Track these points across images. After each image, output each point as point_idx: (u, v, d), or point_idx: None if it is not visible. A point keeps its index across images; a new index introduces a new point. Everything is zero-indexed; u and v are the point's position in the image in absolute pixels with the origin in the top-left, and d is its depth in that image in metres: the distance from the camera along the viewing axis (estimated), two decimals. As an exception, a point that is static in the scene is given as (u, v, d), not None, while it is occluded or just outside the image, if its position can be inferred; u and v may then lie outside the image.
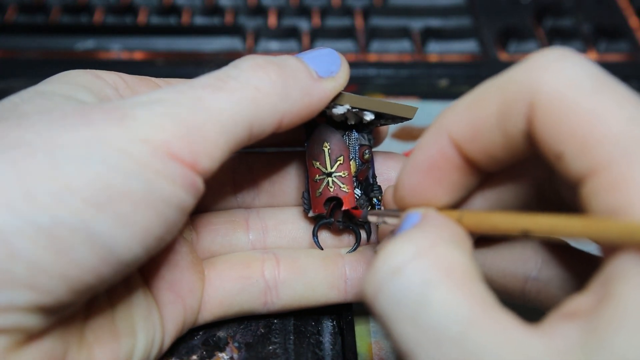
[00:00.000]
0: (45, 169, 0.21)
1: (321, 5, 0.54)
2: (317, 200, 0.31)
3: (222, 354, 0.31)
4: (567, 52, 0.21)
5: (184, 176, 0.23)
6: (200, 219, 0.33)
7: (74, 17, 0.53)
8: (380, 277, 0.21)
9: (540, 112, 0.20)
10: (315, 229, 0.32)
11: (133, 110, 0.23)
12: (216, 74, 0.25)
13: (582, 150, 0.19)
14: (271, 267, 0.31)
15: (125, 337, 0.26)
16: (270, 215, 0.33)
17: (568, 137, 0.20)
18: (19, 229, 0.21)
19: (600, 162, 0.19)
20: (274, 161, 0.34)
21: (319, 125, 0.31)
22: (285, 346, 0.31)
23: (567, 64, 0.20)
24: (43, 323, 0.22)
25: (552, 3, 0.54)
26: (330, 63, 0.28)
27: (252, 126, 0.25)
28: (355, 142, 0.32)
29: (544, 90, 0.20)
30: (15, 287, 0.21)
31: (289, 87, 0.26)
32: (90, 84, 0.26)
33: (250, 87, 0.25)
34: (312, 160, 0.31)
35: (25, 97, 0.25)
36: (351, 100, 0.29)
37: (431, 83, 0.49)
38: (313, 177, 0.31)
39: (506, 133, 0.21)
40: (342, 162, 0.31)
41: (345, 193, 0.31)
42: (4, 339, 0.21)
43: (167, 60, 0.50)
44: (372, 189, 0.32)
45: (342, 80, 0.28)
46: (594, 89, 0.20)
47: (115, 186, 0.22)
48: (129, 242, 0.22)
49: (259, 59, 0.26)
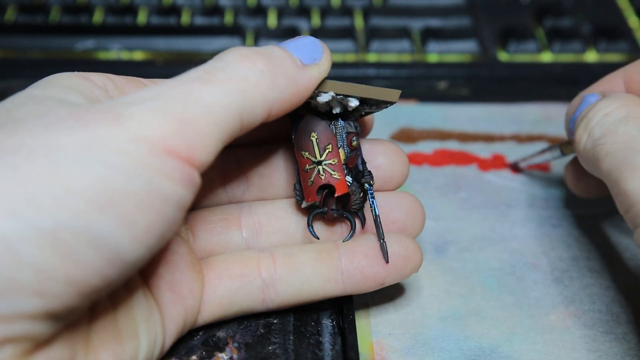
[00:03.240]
0: (45, 173, 0.21)
1: (321, 5, 0.54)
2: (309, 189, 0.31)
3: (222, 354, 0.31)
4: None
5: (182, 171, 0.23)
6: (194, 217, 0.33)
7: (74, 17, 0.53)
8: (611, 121, 0.29)
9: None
10: (309, 219, 0.32)
11: (127, 110, 0.23)
12: (203, 67, 0.26)
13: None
14: (267, 265, 0.31)
15: (129, 340, 0.26)
16: (262, 209, 0.33)
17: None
18: (24, 235, 0.21)
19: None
20: (262, 155, 0.34)
21: (304, 117, 0.31)
22: (285, 346, 0.31)
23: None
24: (51, 330, 0.22)
25: (552, 3, 0.54)
26: (313, 51, 0.28)
27: (243, 116, 0.25)
28: (342, 130, 0.32)
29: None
30: (23, 294, 0.21)
31: (277, 75, 0.26)
32: (80, 86, 0.26)
33: (238, 77, 0.25)
34: (300, 151, 0.31)
35: (17, 102, 0.25)
36: (335, 87, 0.29)
37: (430, 85, 0.49)
38: (303, 167, 0.31)
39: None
40: (330, 150, 0.31)
41: (337, 180, 0.31)
42: (13, 348, 0.21)
43: (167, 61, 0.50)
44: (364, 175, 0.32)
45: (326, 67, 0.29)
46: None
47: (116, 186, 0.22)
48: (132, 242, 0.22)
49: (244, 50, 0.26)
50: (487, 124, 0.46)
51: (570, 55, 0.51)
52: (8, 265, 0.20)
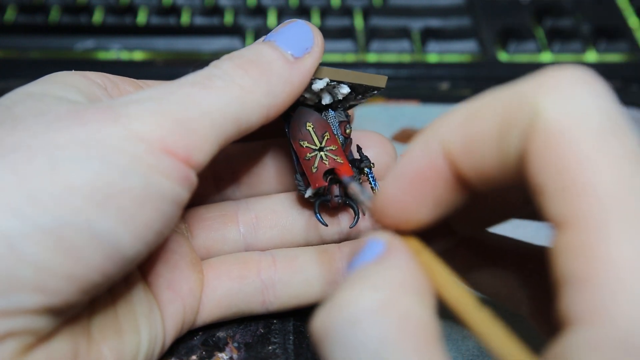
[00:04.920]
0: (45, 171, 0.21)
1: (321, 5, 0.54)
2: (314, 175, 0.31)
3: (222, 354, 0.31)
4: (586, 76, 0.18)
5: (179, 170, 0.24)
6: (192, 214, 0.33)
7: (74, 17, 0.53)
8: (337, 321, 0.19)
9: (537, 139, 0.18)
10: (316, 207, 0.32)
11: (127, 109, 0.23)
12: (201, 73, 0.26)
13: (562, 195, 0.17)
14: (267, 266, 0.31)
15: (130, 334, 0.27)
16: (259, 205, 0.33)
17: (554, 174, 0.18)
18: (25, 233, 0.21)
19: (577, 215, 0.17)
20: (253, 151, 0.34)
21: (295, 109, 0.32)
22: (285, 346, 0.31)
23: (580, 92, 0.18)
24: (51, 324, 0.23)
25: (551, 3, 0.54)
26: (303, 40, 0.28)
27: (240, 121, 0.26)
28: (334, 120, 0.32)
29: (545, 116, 0.18)
30: (24, 290, 0.21)
31: (271, 83, 0.27)
32: (79, 84, 0.26)
33: (235, 85, 0.26)
34: (298, 142, 0.31)
35: (16, 99, 0.25)
36: (329, 74, 0.30)
37: (431, 85, 0.49)
38: (304, 156, 0.31)
39: (502, 151, 0.19)
40: (329, 137, 0.31)
41: (341, 163, 0.31)
42: (15, 342, 0.22)
43: (166, 61, 0.50)
44: (362, 160, 0.32)
45: (319, 53, 0.29)
46: (600, 130, 0.17)
47: (115, 184, 0.22)
48: (131, 237, 0.23)
49: (237, 60, 0.27)
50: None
51: (570, 56, 0.51)
52: (9, 262, 0.21)
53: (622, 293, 0.16)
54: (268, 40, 0.28)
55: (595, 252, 0.17)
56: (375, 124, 0.46)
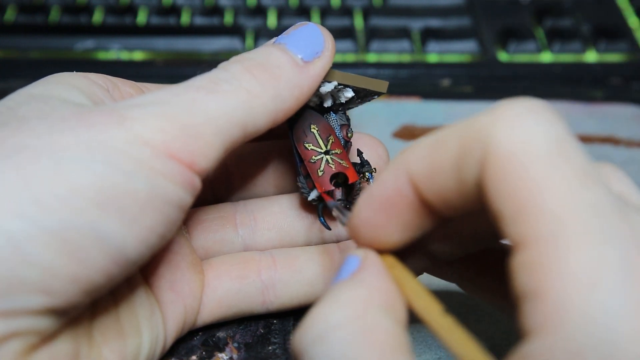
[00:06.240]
0: (50, 173, 0.22)
1: (321, 5, 0.54)
2: (321, 179, 0.31)
3: (222, 354, 0.31)
4: (535, 106, 0.20)
5: (183, 175, 0.24)
6: (190, 216, 0.33)
7: (74, 17, 0.53)
8: (307, 339, 0.20)
9: (490, 166, 0.19)
10: (320, 211, 0.31)
11: (131, 112, 0.23)
12: (208, 76, 0.26)
13: (517, 217, 0.19)
14: (268, 266, 0.31)
15: (131, 336, 0.27)
16: (257, 206, 0.33)
17: (508, 199, 0.19)
18: (30, 235, 0.21)
19: (532, 234, 0.18)
20: (249, 153, 0.34)
21: (298, 111, 0.31)
22: (285, 346, 0.31)
23: (528, 120, 0.19)
24: (54, 325, 0.23)
25: (551, 3, 0.54)
26: (314, 44, 0.28)
27: (247, 126, 0.26)
28: (336, 123, 0.32)
29: (496, 145, 0.19)
30: (28, 291, 0.21)
31: (279, 87, 0.26)
32: (82, 85, 0.26)
33: (242, 89, 0.26)
34: (303, 144, 0.31)
35: (20, 100, 0.25)
36: (338, 77, 0.29)
37: (433, 82, 0.49)
38: (309, 159, 0.31)
39: (461, 179, 0.20)
40: (333, 141, 0.31)
41: (347, 168, 0.31)
42: (19, 342, 0.22)
43: (166, 61, 0.50)
44: (363, 165, 0.32)
45: (329, 57, 0.28)
46: (548, 153, 0.19)
47: (119, 186, 0.22)
48: (134, 241, 0.23)
49: (246, 63, 0.27)
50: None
51: (570, 55, 0.51)
52: (15, 263, 0.21)
53: (571, 304, 0.17)
54: (278, 42, 0.28)
55: (548, 267, 0.18)
56: (376, 120, 0.46)
